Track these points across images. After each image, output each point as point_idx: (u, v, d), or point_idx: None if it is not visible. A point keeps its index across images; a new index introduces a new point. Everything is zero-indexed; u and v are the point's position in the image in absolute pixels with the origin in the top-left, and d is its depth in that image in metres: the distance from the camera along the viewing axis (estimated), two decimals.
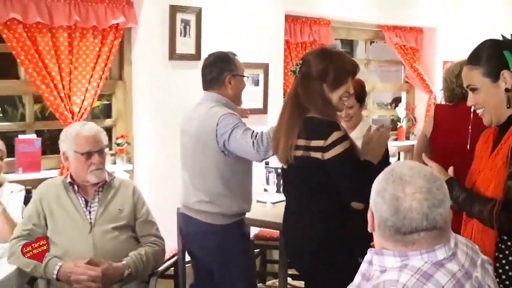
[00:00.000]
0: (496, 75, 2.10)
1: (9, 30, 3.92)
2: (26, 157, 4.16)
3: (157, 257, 3.08)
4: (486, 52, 2.16)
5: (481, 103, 2.16)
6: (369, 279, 1.56)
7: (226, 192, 3.12)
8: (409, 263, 1.48)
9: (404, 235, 1.48)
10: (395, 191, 1.49)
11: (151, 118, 4.58)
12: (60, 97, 4.14)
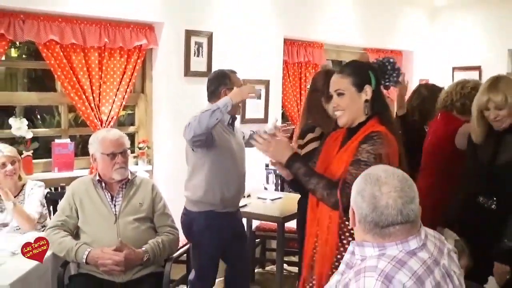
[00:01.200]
0: (361, 87, 2.21)
1: (48, 50, 3.93)
2: (61, 158, 4.16)
3: (172, 244, 3.08)
4: (357, 68, 2.27)
5: (343, 107, 2.23)
6: (352, 267, 1.57)
7: (194, 181, 3.27)
8: (386, 252, 1.49)
9: (381, 228, 1.49)
10: (373, 190, 1.51)
11: (168, 126, 4.58)
12: (91, 107, 4.15)
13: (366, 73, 2.23)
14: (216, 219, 3.23)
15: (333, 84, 2.27)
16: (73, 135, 4.48)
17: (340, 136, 2.32)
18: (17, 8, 3.73)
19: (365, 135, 2.16)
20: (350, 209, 1.59)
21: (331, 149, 2.32)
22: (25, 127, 3.99)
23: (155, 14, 4.40)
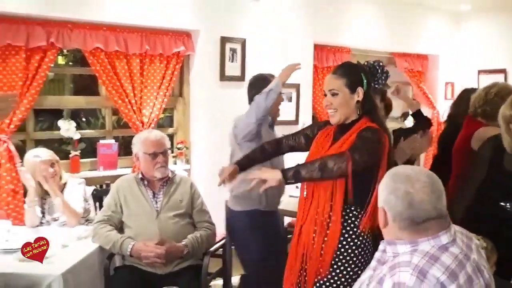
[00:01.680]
0: (354, 89, 2.23)
1: (94, 57, 4.01)
2: (105, 158, 4.24)
3: (209, 239, 3.08)
4: (351, 70, 2.28)
5: (336, 106, 2.24)
6: (384, 262, 1.55)
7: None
8: (418, 248, 1.47)
9: (417, 224, 1.47)
10: (406, 188, 1.49)
11: (205, 128, 4.62)
12: (133, 110, 4.21)
13: (359, 75, 2.24)
14: (260, 217, 3.21)
15: (327, 84, 2.29)
16: (116, 136, 4.54)
17: (331, 132, 2.32)
18: (66, 18, 3.81)
19: (363, 128, 2.19)
20: (380, 210, 1.56)
21: (322, 145, 2.32)
22: (73, 129, 4.08)
23: (192, 22, 4.44)
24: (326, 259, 2.17)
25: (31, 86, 3.73)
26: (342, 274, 2.18)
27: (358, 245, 2.19)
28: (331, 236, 2.17)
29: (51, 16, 3.74)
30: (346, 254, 2.18)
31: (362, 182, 2.15)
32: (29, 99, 3.72)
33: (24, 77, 3.69)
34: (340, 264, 2.18)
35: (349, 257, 2.18)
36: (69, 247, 2.86)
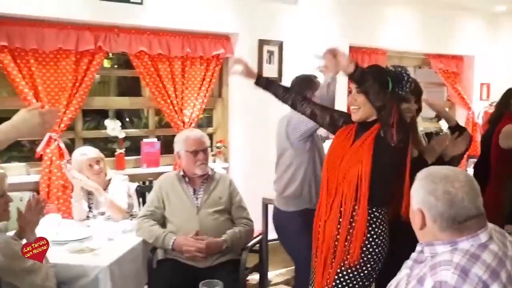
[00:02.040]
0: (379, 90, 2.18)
1: (138, 60, 4.07)
2: (148, 156, 4.29)
3: (247, 235, 3.07)
4: (379, 73, 2.24)
5: (359, 104, 2.23)
6: (421, 262, 1.51)
7: (293, 178, 3.18)
8: (458, 247, 1.42)
9: (459, 223, 1.43)
10: (446, 187, 1.44)
11: (243, 128, 4.63)
12: (175, 110, 4.26)
13: (385, 78, 2.21)
14: (311, 216, 3.17)
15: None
16: (158, 135, 4.58)
17: (352, 131, 2.30)
18: (112, 23, 3.89)
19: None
20: (417, 212, 1.51)
21: (343, 143, 2.30)
22: (119, 128, 4.15)
23: (231, 26, 4.46)
24: (354, 255, 2.17)
25: (80, 88, 3.81)
26: (362, 269, 2.19)
27: (378, 244, 2.19)
28: (358, 233, 2.17)
29: (99, 21, 3.82)
30: (368, 252, 2.19)
31: (384, 183, 2.17)
32: (78, 100, 3.81)
33: (73, 79, 3.78)
34: (361, 260, 2.18)
35: (370, 255, 2.18)
36: (114, 240, 2.91)
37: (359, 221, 2.16)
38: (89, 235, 2.93)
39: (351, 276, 2.20)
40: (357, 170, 2.14)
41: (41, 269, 2.21)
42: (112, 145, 4.21)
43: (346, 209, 2.19)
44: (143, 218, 3.01)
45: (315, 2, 4.95)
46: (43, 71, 3.68)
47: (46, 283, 2.22)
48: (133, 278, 2.86)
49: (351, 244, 2.18)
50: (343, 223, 2.20)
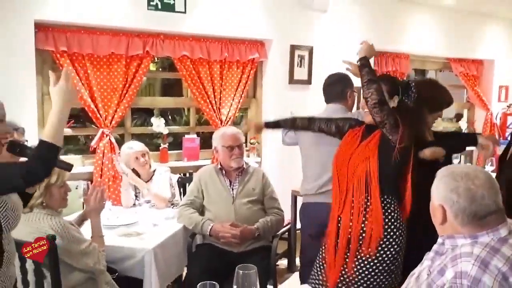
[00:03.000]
0: (391, 96, 2.23)
1: (181, 63, 4.11)
2: (189, 150, 4.34)
3: (278, 224, 3.07)
4: (392, 81, 2.30)
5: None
6: (442, 254, 1.48)
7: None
8: (478, 240, 1.39)
9: (480, 219, 1.39)
10: (467, 185, 1.41)
11: None
12: (213, 109, 4.28)
13: (397, 86, 2.26)
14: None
15: None
16: (198, 131, 4.63)
17: (359, 133, 2.31)
18: (159, 30, 3.94)
19: None
20: (438, 208, 1.47)
21: (350, 145, 2.31)
22: (163, 125, 4.21)
23: (265, 32, 4.45)
24: (372, 245, 2.15)
25: (130, 88, 3.88)
26: (386, 254, 2.16)
27: (397, 227, 2.17)
28: (375, 223, 2.16)
29: (147, 28, 3.88)
30: (389, 236, 2.16)
31: (391, 177, 2.19)
32: (128, 99, 3.88)
33: (124, 80, 3.85)
34: (384, 246, 2.16)
35: (392, 239, 2.16)
36: (158, 226, 2.96)
37: (373, 210, 2.17)
38: (136, 221, 2.98)
39: (375, 263, 2.16)
40: (365, 167, 2.18)
41: (94, 252, 2.27)
42: (157, 141, 4.29)
43: (357, 202, 2.20)
44: (184, 207, 3.04)
45: (343, 10, 4.89)
46: (97, 73, 3.76)
47: (97, 265, 2.28)
48: (174, 260, 2.90)
49: (371, 233, 2.15)
50: (354, 216, 2.20)
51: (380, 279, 2.17)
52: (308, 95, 4.62)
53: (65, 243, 2.15)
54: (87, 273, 2.28)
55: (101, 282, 2.31)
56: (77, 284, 2.23)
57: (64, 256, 2.16)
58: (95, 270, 2.27)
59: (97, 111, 3.78)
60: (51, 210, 2.21)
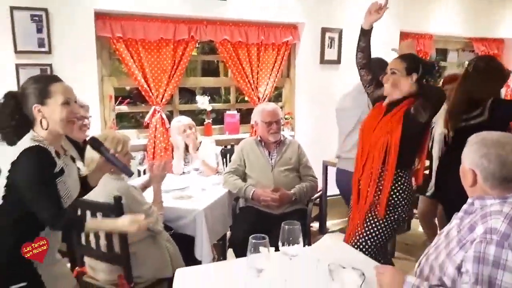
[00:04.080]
0: (410, 73, 2.23)
1: (222, 46, 4.12)
2: (230, 125, 4.38)
3: (312, 190, 3.10)
4: (412, 59, 2.28)
5: (391, 82, 2.25)
6: (470, 213, 1.47)
7: None
8: (507, 200, 1.38)
9: (509, 182, 1.38)
10: (498, 151, 1.39)
11: (307, 102, 4.59)
12: (252, 88, 4.29)
13: (417, 64, 2.24)
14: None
15: (391, 64, 2.30)
16: (238, 108, 4.65)
17: (383, 108, 2.31)
18: (202, 16, 3.95)
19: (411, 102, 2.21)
20: (468, 171, 1.45)
21: (375, 117, 2.34)
22: (207, 102, 4.26)
23: (298, 16, 4.39)
24: (381, 207, 2.26)
25: (177, 69, 3.93)
26: (389, 217, 2.27)
27: (403, 197, 2.27)
28: (384, 190, 2.25)
29: (192, 15, 3.90)
30: (395, 204, 2.26)
31: (409, 151, 2.25)
32: (176, 79, 3.93)
33: (172, 63, 3.90)
34: (389, 210, 2.26)
35: (397, 206, 2.27)
36: (206, 191, 3.03)
37: (386, 180, 2.24)
38: (187, 186, 3.06)
39: (381, 222, 2.27)
40: (386, 139, 2.22)
41: (154, 214, 2.35)
42: (202, 116, 4.34)
43: (374, 170, 2.27)
44: (228, 174, 3.10)
45: None
46: (149, 56, 3.82)
47: (156, 225, 2.37)
48: (220, 220, 2.97)
49: (380, 198, 2.26)
50: (372, 182, 2.28)
51: (384, 234, 2.28)
52: (338, 74, 4.57)
53: (128, 202, 2.24)
54: (147, 231, 2.38)
55: (160, 239, 2.41)
56: (139, 240, 2.32)
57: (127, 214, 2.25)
58: (154, 229, 2.36)
59: (149, 90, 3.86)
60: (116, 175, 2.30)
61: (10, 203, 1.63)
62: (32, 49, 3.28)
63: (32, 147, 1.60)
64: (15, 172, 1.60)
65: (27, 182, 1.58)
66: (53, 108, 1.66)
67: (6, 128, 1.63)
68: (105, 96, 3.82)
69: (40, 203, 1.59)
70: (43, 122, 1.65)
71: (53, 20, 3.34)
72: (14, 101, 1.65)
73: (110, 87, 3.86)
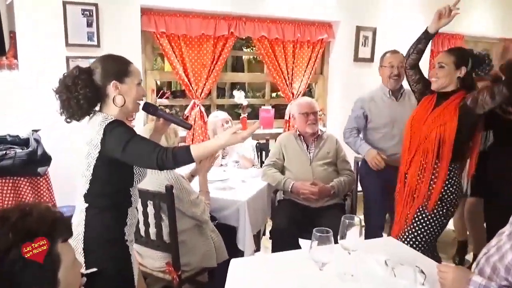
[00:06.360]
0: (459, 66, 2.14)
1: (260, 43, 4.02)
2: (265, 120, 4.28)
3: (350, 184, 2.98)
4: (461, 52, 2.20)
5: (439, 76, 2.17)
6: None
7: None
8: None
9: None
10: None
11: (339, 98, 4.45)
12: (287, 84, 4.18)
13: (466, 57, 2.15)
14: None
15: (439, 57, 2.21)
16: (272, 104, 4.55)
17: (433, 100, 2.22)
18: (241, 13, 3.85)
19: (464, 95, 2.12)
20: None
21: (426, 109, 2.22)
22: (243, 97, 4.16)
23: (334, 14, 4.24)
24: (432, 201, 2.15)
25: (216, 65, 3.85)
26: (438, 210, 2.16)
27: (452, 191, 2.16)
28: (438, 184, 2.14)
29: (231, 12, 3.80)
30: (444, 198, 2.16)
31: (462, 143, 2.13)
32: (215, 74, 3.85)
33: (211, 58, 3.82)
34: (439, 203, 2.15)
35: (446, 201, 2.16)
36: (246, 183, 2.95)
37: (440, 174, 2.13)
38: (227, 177, 2.98)
39: (431, 216, 2.17)
40: (439, 132, 2.10)
41: (201, 204, 2.28)
42: (238, 111, 4.25)
43: (427, 164, 2.15)
44: (267, 167, 3.01)
45: None
46: (190, 52, 3.75)
47: (203, 215, 2.30)
48: (261, 212, 2.89)
49: (432, 193, 2.15)
50: (425, 175, 2.16)
51: (433, 229, 2.16)
52: (371, 72, 4.39)
53: (177, 192, 2.18)
54: (194, 220, 2.31)
55: (206, 229, 2.34)
56: (187, 229, 2.26)
57: (176, 203, 2.19)
58: (201, 219, 2.29)
59: (190, 84, 3.79)
60: None
61: (96, 185, 1.60)
62: (82, 42, 3.24)
63: (113, 121, 1.58)
64: (107, 145, 1.55)
65: (125, 142, 1.52)
66: (130, 86, 1.64)
67: (81, 100, 1.57)
68: (147, 89, 3.76)
69: (145, 149, 1.53)
70: (117, 99, 1.62)
71: (102, 15, 3.30)
72: (87, 75, 1.61)
73: (152, 80, 3.80)
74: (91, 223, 1.59)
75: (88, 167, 1.58)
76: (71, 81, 1.58)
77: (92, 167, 1.57)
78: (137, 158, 1.54)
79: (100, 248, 1.58)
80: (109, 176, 1.59)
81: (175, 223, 2.10)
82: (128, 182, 1.64)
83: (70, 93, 1.57)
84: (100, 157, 1.56)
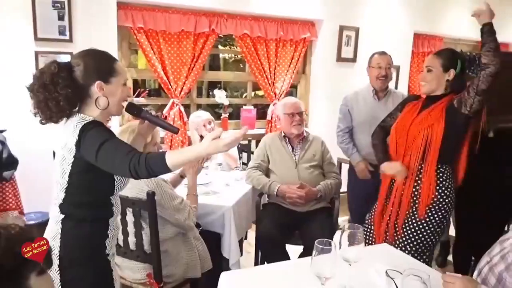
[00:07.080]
0: (447, 69, 2.08)
1: (242, 41, 3.90)
2: (246, 120, 4.17)
3: (337, 186, 2.90)
4: (449, 55, 2.11)
5: (428, 80, 2.12)
6: None
7: None
8: None
9: None
10: None
11: (322, 99, 4.39)
12: (269, 83, 4.08)
13: (455, 60, 2.08)
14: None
15: (427, 61, 2.14)
16: (254, 104, 4.43)
17: (418, 104, 2.16)
18: (223, 10, 3.72)
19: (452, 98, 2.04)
20: None
21: (410, 113, 2.16)
22: (224, 97, 4.04)
23: (316, 13, 4.17)
24: (421, 208, 2.04)
25: (197, 63, 3.70)
26: (433, 217, 2.05)
27: (447, 195, 2.05)
28: (425, 190, 2.04)
29: (212, 8, 3.66)
30: (439, 202, 2.05)
31: (450, 145, 2.04)
32: (195, 73, 3.70)
33: (192, 55, 3.67)
34: (429, 211, 2.04)
35: (441, 205, 2.04)
36: (230, 186, 2.82)
37: (426, 177, 2.04)
38: (210, 181, 2.85)
39: (421, 226, 2.06)
40: (426, 133, 2.03)
41: (185, 209, 2.13)
42: (219, 111, 4.12)
43: (411, 168, 2.07)
44: (252, 169, 2.89)
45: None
46: (169, 48, 3.59)
47: (187, 221, 2.15)
48: (245, 216, 2.77)
49: (418, 199, 2.06)
50: (408, 181, 2.08)
51: (425, 238, 2.06)
52: (353, 72, 4.36)
53: (159, 198, 2.02)
54: (178, 228, 2.16)
55: (191, 237, 2.19)
56: (169, 237, 2.11)
57: (159, 210, 2.04)
58: (185, 225, 2.15)
59: (169, 83, 3.62)
60: None
61: (73, 193, 1.42)
62: (53, 37, 3.03)
63: (90, 122, 1.41)
64: (82, 148, 1.37)
65: (98, 145, 1.33)
66: (116, 86, 1.46)
67: (61, 102, 1.37)
68: None
69: (118, 154, 1.32)
70: (101, 100, 1.44)
71: (75, 8, 3.10)
72: (67, 73, 1.41)
73: (129, 79, 3.61)
74: (67, 236, 1.41)
75: (63, 173, 1.41)
76: (49, 80, 1.37)
77: (67, 173, 1.40)
78: (110, 165, 1.34)
79: (78, 266, 1.41)
80: (87, 183, 1.42)
81: (157, 231, 1.95)
82: (109, 190, 1.47)
83: (49, 93, 1.37)
84: (75, 162, 1.39)
